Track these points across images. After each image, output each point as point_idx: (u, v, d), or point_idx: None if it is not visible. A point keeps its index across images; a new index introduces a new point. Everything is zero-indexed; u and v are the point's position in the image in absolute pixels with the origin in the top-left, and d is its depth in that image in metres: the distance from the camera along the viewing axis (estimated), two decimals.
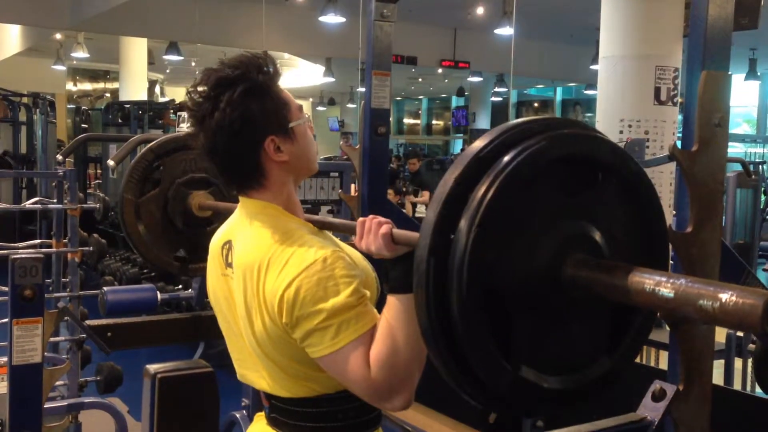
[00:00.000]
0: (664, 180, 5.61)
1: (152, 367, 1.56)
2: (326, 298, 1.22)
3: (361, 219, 1.29)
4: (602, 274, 1.03)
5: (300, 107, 1.40)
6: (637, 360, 4.14)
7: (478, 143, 1.05)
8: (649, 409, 1.31)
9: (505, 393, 1.06)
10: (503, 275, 1.03)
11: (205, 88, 1.32)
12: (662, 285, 0.93)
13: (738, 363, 3.87)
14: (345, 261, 1.27)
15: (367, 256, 1.31)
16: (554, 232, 1.05)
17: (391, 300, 1.23)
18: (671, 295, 0.92)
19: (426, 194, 8.61)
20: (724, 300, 0.85)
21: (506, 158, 1.02)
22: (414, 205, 8.64)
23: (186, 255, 2.38)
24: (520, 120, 1.09)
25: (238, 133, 1.30)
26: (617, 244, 1.12)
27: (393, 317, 1.22)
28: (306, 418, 1.35)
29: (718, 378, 3.85)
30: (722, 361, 3.81)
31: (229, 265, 1.38)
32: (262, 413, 1.45)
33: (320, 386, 1.33)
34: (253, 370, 1.39)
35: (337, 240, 1.44)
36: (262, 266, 1.27)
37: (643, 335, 1.19)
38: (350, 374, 1.23)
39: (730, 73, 1.32)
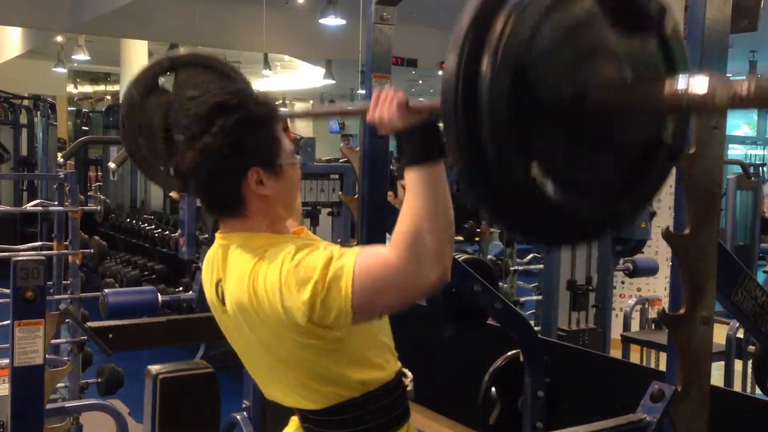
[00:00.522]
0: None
1: (154, 368, 1.57)
2: (311, 275, 1.22)
3: (377, 89, 1.28)
4: (629, 90, 1.03)
5: (293, 152, 1.41)
6: (637, 361, 4.15)
7: None
8: (648, 410, 1.31)
9: (512, 191, 1.06)
10: (532, 89, 1.02)
11: (202, 109, 1.34)
12: (693, 84, 0.92)
13: (738, 365, 3.87)
14: (310, 243, 1.29)
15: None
16: (580, 58, 1.04)
17: (409, 175, 1.22)
18: (704, 89, 0.91)
19: None
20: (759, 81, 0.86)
21: None
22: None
23: (174, 174, 2.25)
24: None
25: (225, 159, 1.31)
26: (643, 67, 1.10)
27: (412, 187, 1.21)
28: (338, 426, 1.37)
29: (718, 379, 3.85)
30: (722, 363, 3.81)
31: (224, 303, 1.39)
32: (297, 417, 1.47)
33: (345, 389, 1.35)
34: (278, 390, 1.41)
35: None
36: (252, 299, 1.28)
37: (661, 178, 1.17)
38: (380, 280, 1.21)
39: (728, 75, 1.33)
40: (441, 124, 1.14)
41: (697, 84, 0.92)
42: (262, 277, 1.27)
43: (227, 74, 2.09)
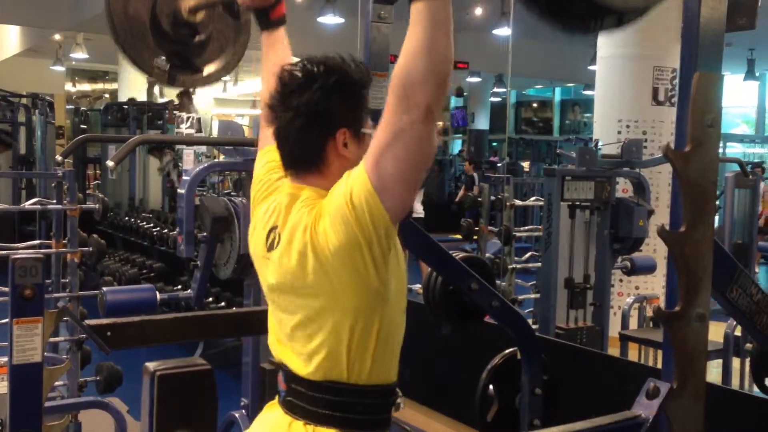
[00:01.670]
0: (662, 180, 5.62)
1: (151, 365, 1.58)
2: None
3: None
4: None
5: (373, 124, 1.45)
6: (635, 359, 4.16)
7: None
8: (644, 407, 1.32)
9: None
10: None
11: (307, 65, 1.42)
12: None
13: (736, 363, 3.89)
14: None
15: None
16: None
17: (413, 7, 1.25)
18: None
19: (420, 193, 8.60)
20: None
21: None
22: None
23: (169, 64, 2.20)
24: None
25: (320, 115, 1.38)
26: None
27: (413, 26, 1.25)
28: (323, 405, 1.36)
29: (715, 377, 3.86)
30: (720, 361, 3.82)
31: (271, 248, 1.42)
32: (273, 402, 1.47)
33: (355, 370, 1.35)
34: (293, 342, 1.41)
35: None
36: (314, 239, 1.32)
37: None
38: (382, 135, 1.28)
39: (722, 74, 1.34)
40: None
41: None
42: (322, 219, 1.32)
43: None
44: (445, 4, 1.25)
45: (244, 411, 2.80)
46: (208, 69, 2.22)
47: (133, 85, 14.37)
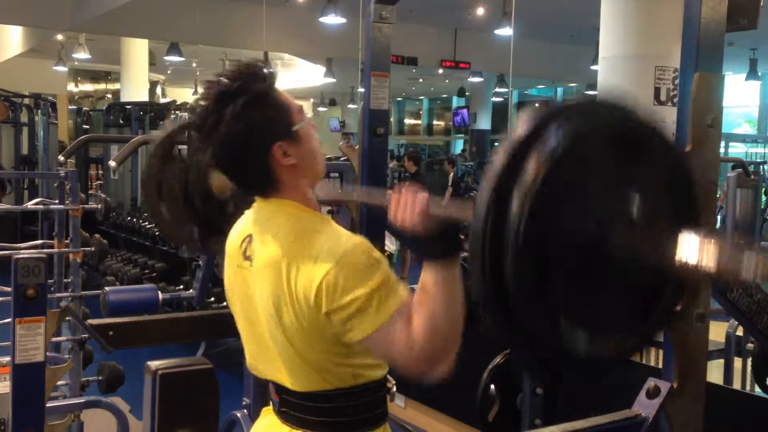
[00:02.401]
0: None
1: (153, 364, 1.58)
2: (364, 282, 1.25)
3: (395, 192, 1.29)
4: (643, 241, 1.07)
5: (300, 108, 1.43)
6: (635, 358, 4.15)
7: (527, 123, 1.11)
8: (644, 406, 1.33)
9: (551, 350, 1.12)
10: (552, 242, 1.07)
11: (207, 103, 1.36)
12: (704, 255, 0.96)
13: (738, 363, 3.88)
14: (371, 245, 1.31)
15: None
16: (600, 202, 1.10)
17: (428, 267, 1.25)
18: (713, 266, 0.95)
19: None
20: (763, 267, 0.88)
21: (552, 137, 1.07)
22: None
23: (205, 233, 2.37)
24: (566, 101, 1.17)
25: (245, 143, 1.34)
26: (658, 212, 1.14)
27: (431, 284, 1.24)
28: (318, 413, 1.37)
29: (717, 377, 3.86)
30: (721, 361, 3.82)
31: (246, 258, 1.40)
32: (269, 408, 1.47)
33: (338, 379, 1.35)
34: (268, 363, 1.41)
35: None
36: (291, 261, 1.30)
37: (671, 307, 1.22)
38: (396, 346, 1.25)
39: (723, 74, 1.34)
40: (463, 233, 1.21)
41: (705, 258, 0.97)
42: (316, 248, 1.29)
43: None
44: (458, 267, 1.24)
45: (245, 411, 2.80)
46: None
47: (135, 85, 14.39)
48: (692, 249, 0.98)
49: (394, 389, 1.48)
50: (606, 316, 1.15)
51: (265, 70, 1.40)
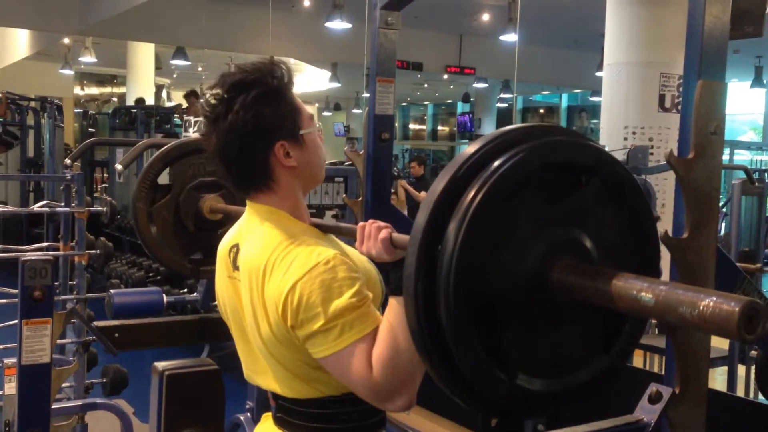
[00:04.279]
0: (668, 187, 5.62)
1: (160, 365, 1.60)
2: (330, 300, 1.24)
3: (361, 224, 1.31)
4: (588, 279, 1.05)
5: (311, 116, 1.43)
6: (638, 364, 4.15)
7: (465, 153, 1.09)
8: (646, 411, 1.33)
9: (501, 401, 1.08)
10: (491, 283, 1.04)
11: (220, 90, 1.35)
12: (644, 291, 0.94)
13: (741, 370, 3.88)
14: (348, 264, 1.29)
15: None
16: (541, 237, 1.07)
17: (393, 302, 1.25)
18: (652, 302, 0.93)
19: (423, 194, 8.62)
20: (702, 307, 0.85)
21: (492, 166, 1.04)
22: (406, 191, 8.61)
23: (201, 257, 2.42)
24: (503, 129, 1.12)
25: (250, 135, 1.33)
26: (606, 247, 1.13)
27: (395, 319, 1.23)
28: (310, 419, 1.37)
29: (721, 384, 3.86)
30: (725, 368, 3.82)
31: (236, 267, 1.40)
32: (270, 413, 1.47)
33: (326, 387, 1.35)
34: (260, 371, 1.42)
35: (343, 244, 1.47)
36: (267, 268, 1.30)
37: (635, 336, 1.20)
38: (353, 375, 1.25)
39: (726, 82, 1.35)
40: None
41: (644, 295, 0.95)
42: (289, 259, 1.28)
43: None
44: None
45: (249, 414, 2.81)
46: None
47: (140, 88, 14.44)
48: (633, 286, 0.97)
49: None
50: (563, 352, 1.12)
51: (283, 69, 1.40)
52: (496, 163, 1.04)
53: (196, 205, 2.36)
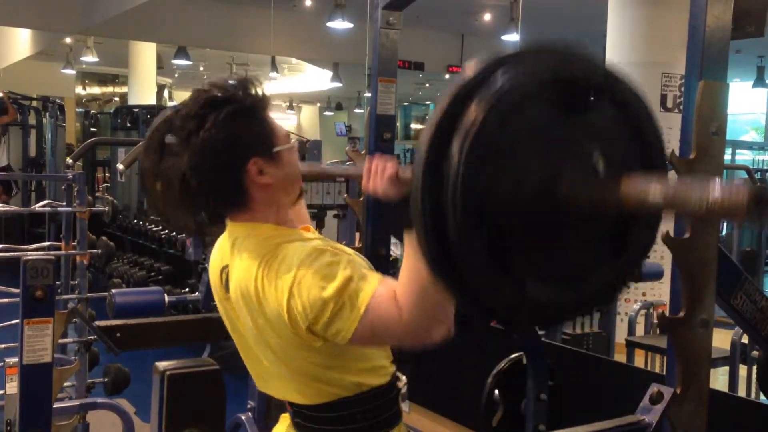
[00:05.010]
0: None
1: (161, 365, 1.60)
2: (327, 286, 1.23)
3: (368, 160, 1.29)
4: (596, 187, 1.03)
5: (287, 135, 1.41)
6: (639, 364, 4.15)
7: (468, 71, 1.05)
8: (647, 412, 1.33)
9: (511, 309, 1.06)
10: (498, 197, 1.02)
11: (193, 107, 1.34)
12: (652, 188, 0.93)
13: (742, 370, 3.87)
14: (329, 249, 1.29)
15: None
16: (548, 152, 1.05)
17: (408, 238, 1.23)
18: (661, 197, 0.92)
19: None
20: (711, 194, 0.85)
21: (496, 82, 1.01)
22: None
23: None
24: (509, 50, 1.08)
25: (222, 153, 1.31)
26: (614, 162, 1.10)
27: (414, 254, 1.21)
28: (327, 422, 1.38)
29: (722, 385, 3.85)
30: (726, 368, 3.81)
31: (227, 290, 1.40)
32: (287, 414, 1.48)
33: (339, 389, 1.36)
34: (271, 382, 1.43)
35: (336, 243, 1.47)
36: (258, 289, 1.29)
37: (645, 246, 1.16)
38: (386, 331, 1.23)
39: (727, 83, 1.35)
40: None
41: (652, 192, 0.94)
42: (274, 270, 1.27)
43: None
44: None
45: (250, 414, 2.81)
46: None
47: (142, 88, 14.45)
48: (641, 186, 0.95)
49: (405, 389, 1.48)
50: (571, 262, 1.09)
51: (258, 87, 1.38)
52: (501, 79, 1.01)
53: None
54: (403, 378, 1.48)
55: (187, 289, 5.69)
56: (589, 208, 1.04)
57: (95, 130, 11.42)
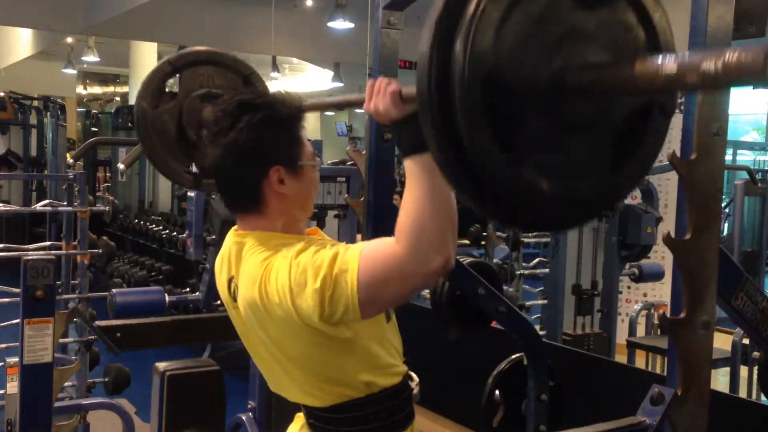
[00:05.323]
0: (671, 187, 5.61)
1: (161, 365, 1.60)
2: (319, 273, 1.24)
3: (370, 82, 1.28)
4: (605, 70, 1.01)
5: (313, 154, 1.45)
6: (640, 365, 4.15)
7: None
8: (648, 413, 1.33)
9: (507, 190, 1.02)
10: (504, 81, 0.99)
11: (230, 106, 1.37)
12: (664, 62, 0.90)
13: (743, 371, 3.87)
14: (320, 241, 1.33)
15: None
16: (555, 39, 1.02)
17: (408, 164, 1.22)
18: (674, 67, 0.89)
19: None
20: (726, 57, 0.82)
21: None
22: None
23: (199, 170, 2.31)
24: None
25: (248, 154, 1.35)
26: (623, 48, 1.07)
27: (411, 181, 1.21)
28: (341, 423, 1.40)
29: (723, 386, 3.85)
30: (728, 369, 3.81)
31: (235, 299, 1.42)
32: (302, 413, 1.50)
33: (350, 390, 1.37)
34: (285, 385, 1.44)
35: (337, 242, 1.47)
36: (263, 299, 1.30)
37: (646, 162, 1.14)
38: (384, 269, 1.22)
39: None
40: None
41: (666, 64, 0.91)
42: (273, 276, 1.29)
43: (228, 65, 2.15)
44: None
45: (251, 414, 2.81)
46: None
47: None
48: (654, 62, 0.92)
49: (417, 390, 1.48)
50: (572, 160, 1.07)
51: (296, 102, 1.42)
52: None
53: (200, 113, 2.25)
54: (416, 378, 1.49)
55: (187, 289, 5.70)
56: (598, 89, 1.01)
57: (96, 129, 11.44)
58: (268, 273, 1.30)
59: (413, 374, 1.50)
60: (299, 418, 1.51)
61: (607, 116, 1.07)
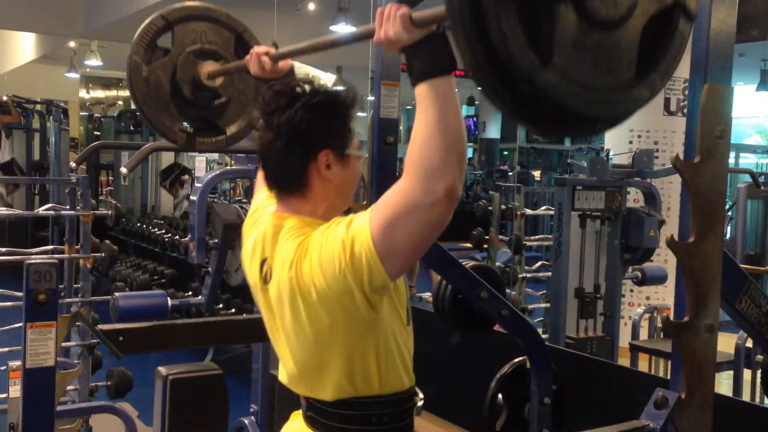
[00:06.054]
0: (674, 190, 5.61)
1: (164, 369, 1.60)
2: (341, 233, 1.27)
3: (379, 10, 1.27)
4: None
5: (361, 145, 1.46)
6: (645, 370, 4.14)
7: None
8: (652, 417, 1.33)
9: (528, 86, 1.01)
10: None
11: (287, 86, 1.40)
12: None
13: (747, 375, 3.86)
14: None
15: None
16: None
17: (418, 91, 1.21)
18: None
19: None
20: None
21: None
22: None
23: (192, 128, 2.24)
24: None
25: (301, 135, 1.36)
26: None
27: (420, 108, 1.21)
28: (340, 420, 1.39)
29: (726, 389, 3.84)
30: (731, 372, 3.80)
31: (265, 282, 1.42)
32: (299, 411, 1.50)
33: (364, 386, 1.37)
34: (301, 381, 1.44)
35: None
36: (298, 277, 1.31)
37: (667, 72, 1.13)
38: (391, 202, 1.23)
39: (732, 85, 1.35)
40: (449, 33, 1.10)
41: None
42: (307, 258, 1.30)
43: (221, 21, 2.16)
44: (450, 83, 1.20)
45: (253, 417, 2.81)
46: (231, 129, 2.29)
47: None
48: None
49: (421, 403, 1.49)
50: (603, 57, 1.04)
51: (353, 95, 1.43)
52: None
53: (194, 70, 2.20)
54: (421, 395, 1.50)
55: (190, 293, 5.70)
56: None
57: (99, 133, 11.45)
58: (303, 254, 1.31)
59: (418, 390, 1.50)
60: (296, 415, 1.51)
61: (635, 15, 1.05)
